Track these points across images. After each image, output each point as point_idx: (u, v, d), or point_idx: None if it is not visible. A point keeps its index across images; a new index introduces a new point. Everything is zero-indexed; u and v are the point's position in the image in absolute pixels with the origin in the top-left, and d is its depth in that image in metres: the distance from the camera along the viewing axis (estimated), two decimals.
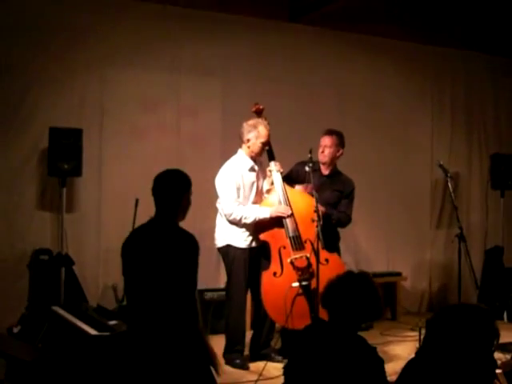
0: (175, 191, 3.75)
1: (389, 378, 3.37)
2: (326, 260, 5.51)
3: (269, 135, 5.67)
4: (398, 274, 7.94)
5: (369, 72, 8.09)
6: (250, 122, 5.68)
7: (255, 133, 5.62)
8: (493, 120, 8.96)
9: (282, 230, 5.59)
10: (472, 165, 8.78)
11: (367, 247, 8.07)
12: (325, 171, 6.00)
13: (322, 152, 5.93)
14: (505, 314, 7.43)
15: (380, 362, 3.12)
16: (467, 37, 8.32)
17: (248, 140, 5.65)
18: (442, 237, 8.48)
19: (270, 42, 7.48)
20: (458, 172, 8.48)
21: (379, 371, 3.10)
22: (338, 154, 5.98)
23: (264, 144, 5.66)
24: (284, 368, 3.35)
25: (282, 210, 5.60)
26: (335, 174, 6.04)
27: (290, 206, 5.62)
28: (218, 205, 5.70)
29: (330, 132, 5.98)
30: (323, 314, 3.37)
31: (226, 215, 5.59)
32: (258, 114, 5.80)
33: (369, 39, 8.06)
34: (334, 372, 3.05)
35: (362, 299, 3.21)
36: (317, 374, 3.09)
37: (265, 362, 5.46)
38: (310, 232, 5.51)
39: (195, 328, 3.63)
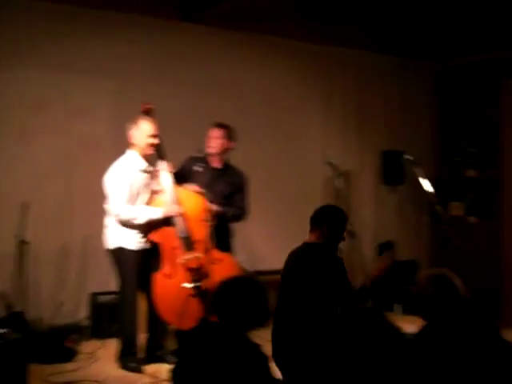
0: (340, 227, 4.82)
1: None
2: (219, 260, 5.53)
3: (155, 130, 5.60)
4: None
5: (262, 70, 8.13)
6: (134, 121, 5.64)
7: (138, 130, 5.58)
8: (384, 118, 9.18)
9: (173, 231, 5.53)
10: (363, 162, 8.96)
11: (261, 245, 8.10)
12: (216, 164, 5.99)
13: (211, 143, 5.94)
14: (395, 306, 7.66)
15: (264, 359, 3.16)
16: (360, 36, 8.46)
17: (134, 138, 5.60)
18: None
19: (162, 41, 7.40)
20: (349, 169, 8.66)
21: (263, 368, 3.13)
22: (226, 147, 5.99)
23: (150, 138, 5.60)
24: (172, 371, 3.34)
25: (173, 209, 5.56)
26: (227, 167, 6.06)
27: (180, 206, 5.60)
28: (106, 206, 5.59)
29: (218, 125, 6.00)
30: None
31: (114, 216, 5.50)
32: (147, 113, 5.70)
33: (262, 38, 8.08)
34: (219, 372, 3.07)
35: (248, 304, 3.25)
36: (202, 375, 3.10)
37: (159, 365, 5.44)
38: (201, 232, 5.51)
39: None
